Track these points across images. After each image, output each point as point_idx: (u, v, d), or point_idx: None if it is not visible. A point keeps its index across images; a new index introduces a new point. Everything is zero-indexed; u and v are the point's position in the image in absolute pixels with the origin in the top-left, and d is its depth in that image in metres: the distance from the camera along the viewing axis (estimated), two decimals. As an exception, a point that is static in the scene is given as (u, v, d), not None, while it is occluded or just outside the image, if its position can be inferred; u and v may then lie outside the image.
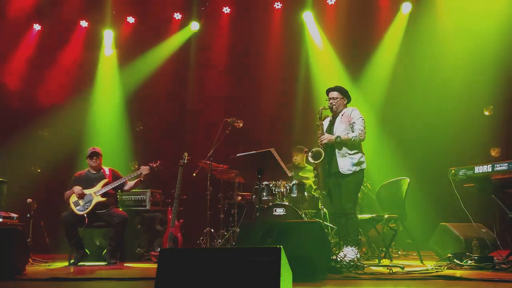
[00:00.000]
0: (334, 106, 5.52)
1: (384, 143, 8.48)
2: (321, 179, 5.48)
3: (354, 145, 5.32)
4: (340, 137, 5.28)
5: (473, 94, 8.43)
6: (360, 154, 5.34)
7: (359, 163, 5.31)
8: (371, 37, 9.17)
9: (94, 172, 6.59)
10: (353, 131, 5.34)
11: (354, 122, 5.35)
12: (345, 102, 5.56)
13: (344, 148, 5.31)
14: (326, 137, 5.36)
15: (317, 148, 5.40)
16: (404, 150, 8.45)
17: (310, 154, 5.43)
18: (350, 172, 5.28)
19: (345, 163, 5.30)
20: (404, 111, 8.59)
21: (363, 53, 9.15)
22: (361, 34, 9.18)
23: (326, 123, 5.64)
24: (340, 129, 5.40)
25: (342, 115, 5.48)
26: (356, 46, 9.18)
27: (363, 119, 5.39)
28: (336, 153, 5.34)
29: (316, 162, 5.37)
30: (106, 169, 6.64)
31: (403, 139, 8.50)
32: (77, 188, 6.33)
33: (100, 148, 6.76)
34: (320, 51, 9.45)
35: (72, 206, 6.29)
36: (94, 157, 6.56)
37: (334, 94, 5.55)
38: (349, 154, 5.30)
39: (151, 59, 9.81)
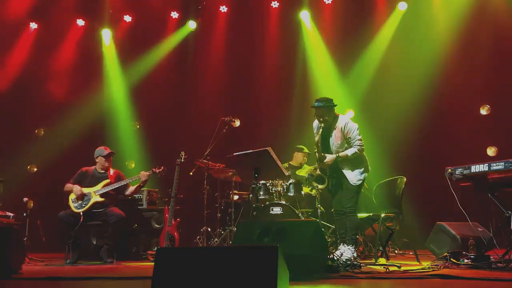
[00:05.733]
0: (323, 119, 5.36)
1: (380, 142, 8.48)
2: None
3: (357, 158, 5.33)
4: (339, 156, 5.29)
5: (469, 93, 8.45)
6: (364, 165, 5.38)
7: (365, 171, 5.38)
8: (368, 36, 9.18)
9: (102, 171, 6.56)
10: (349, 145, 5.33)
11: (350, 137, 5.32)
12: (333, 110, 5.42)
13: (349, 163, 5.32)
14: (329, 159, 5.31)
15: (319, 173, 5.40)
16: (401, 149, 8.45)
17: (312, 178, 5.47)
18: (360, 182, 5.34)
19: (353, 175, 5.33)
20: (401, 110, 8.59)
21: (359, 52, 9.15)
22: (358, 34, 9.18)
23: (315, 125, 5.56)
24: (337, 146, 5.37)
25: (335, 129, 5.38)
26: (353, 46, 9.18)
27: (357, 129, 5.33)
28: (343, 169, 5.35)
29: (320, 187, 5.44)
30: (112, 170, 6.62)
31: (400, 138, 8.50)
32: (77, 189, 6.29)
33: (99, 147, 6.73)
34: (317, 50, 9.45)
35: (70, 202, 6.27)
36: (111, 158, 6.57)
37: (320, 111, 5.35)
38: (356, 168, 5.33)
39: (148, 58, 9.79)
